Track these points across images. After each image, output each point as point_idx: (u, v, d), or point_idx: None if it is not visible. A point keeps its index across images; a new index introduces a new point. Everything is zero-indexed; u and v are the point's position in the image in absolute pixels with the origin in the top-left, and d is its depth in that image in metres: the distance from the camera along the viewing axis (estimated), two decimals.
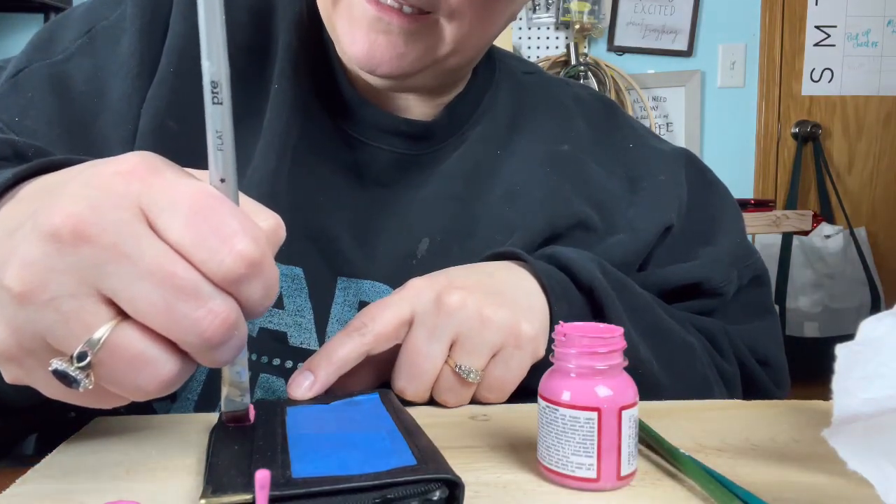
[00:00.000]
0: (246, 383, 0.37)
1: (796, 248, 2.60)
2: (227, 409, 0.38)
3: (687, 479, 0.37)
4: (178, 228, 0.29)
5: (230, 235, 0.30)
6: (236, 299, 0.30)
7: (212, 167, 0.32)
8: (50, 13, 2.51)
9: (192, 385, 0.56)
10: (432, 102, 0.64)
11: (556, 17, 2.78)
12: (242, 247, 0.29)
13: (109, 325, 0.29)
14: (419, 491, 0.32)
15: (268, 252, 0.31)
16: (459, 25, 0.54)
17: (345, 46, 0.56)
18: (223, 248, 0.29)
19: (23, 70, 0.59)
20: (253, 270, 0.30)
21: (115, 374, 0.30)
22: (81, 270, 0.29)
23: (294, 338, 0.57)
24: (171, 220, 0.29)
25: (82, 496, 0.35)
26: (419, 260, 0.61)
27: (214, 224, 0.30)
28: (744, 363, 0.65)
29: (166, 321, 0.29)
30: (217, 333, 0.30)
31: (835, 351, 0.30)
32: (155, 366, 0.30)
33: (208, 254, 0.29)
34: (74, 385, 0.30)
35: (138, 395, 0.31)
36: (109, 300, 0.29)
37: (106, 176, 0.30)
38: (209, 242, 0.29)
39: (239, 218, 0.30)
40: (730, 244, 0.68)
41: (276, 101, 0.60)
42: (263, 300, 0.31)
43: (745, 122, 2.85)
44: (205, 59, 0.31)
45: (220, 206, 0.30)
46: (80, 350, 0.29)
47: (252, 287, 0.30)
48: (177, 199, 0.30)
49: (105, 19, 0.61)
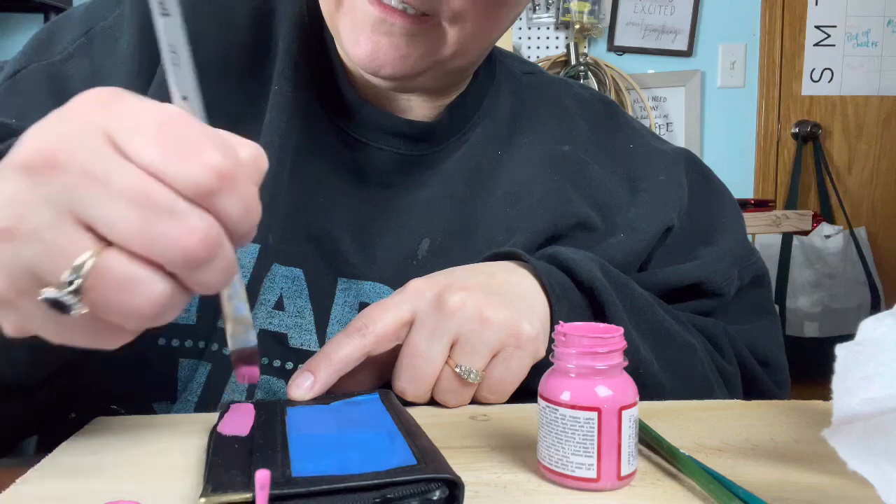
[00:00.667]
0: (248, 317, 0.38)
1: (796, 248, 2.60)
2: (234, 348, 0.38)
3: (687, 479, 0.37)
4: (145, 148, 0.29)
5: (197, 149, 0.30)
6: (214, 215, 0.30)
7: (171, 85, 0.32)
8: (50, 13, 2.50)
9: (192, 386, 0.56)
10: (433, 103, 0.64)
11: (556, 17, 2.78)
12: (210, 158, 0.30)
13: (94, 249, 0.29)
14: (419, 490, 0.32)
15: (240, 165, 0.31)
16: (462, 28, 0.54)
17: (347, 48, 0.56)
18: (190, 160, 0.29)
19: (21, 71, 0.59)
20: (224, 183, 0.30)
21: (107, 297, 0.30)
22: (57, 199, 0.29)
23: (294, 339, 0.57)
24: (139, 141, 0.30)
25: (82, 496, 0.35)
26: (420, 261, 0.61)
27: (179, 138, 0.30)
28: (744, 363, 0.65)
29: (145, 241, 0.29)
30: (198, 250, 0.29)
31: (835, 351, 0.30)
32: (145, 286, 0.30)
33: (177, 168, 0.29)
34: (67, 311, 0.30)
35: (134, 319, 0.31)
36: (90, 227, 0.30)
37: (70, 108, 0.31)
38: (177, 157, 0.29)
39: (205, 132, 0.30)
40: (730, 244, 0.68)
41: (277, 102, 0.60)
42: (244, 217, 0.31)
43: (745, 122, 2.85)
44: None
45: (185, 122, 0.30)
46: (67, 276, 0.29)
47: (228, 201, 0.30)
48: (141, 121, 0.30)
49: (104, 20, 0.61)
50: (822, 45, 2.85)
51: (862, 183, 2.87)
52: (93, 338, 0.32)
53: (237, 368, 0.39)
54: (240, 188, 0.31)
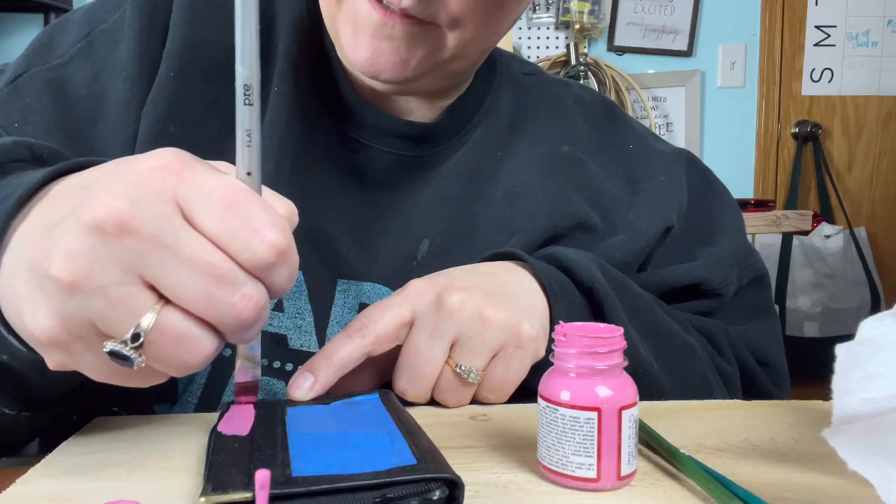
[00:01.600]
0: (258, 356, 0.41)
1: (796, 248, 2.60)
2: (239, 381, 0.41)
3: (687, 479, 0.37)
4: (213, 221, 0.32)
5: (261, 227, 0.33)
6: (264, 284, 0.34)
7: (239, 162, 0.35)
8: (50, 13, 2.50)
9: (191, 388, 0.56)
10: (433, 104, 0.64)
11: (556, 17, 2.78)
12: (273, 237, 0.33)
13: (156, 308, 0.32)
14: (419, 490, 0.32)
15: (292, 240, 0.34)
16: (461, 33, 0.54)
17: (348, 52, 0.56)
18: (255, 238, 0.32)
19: (22, 75, 0.59)
20: (281, 258, 0.33)
21: (164, 352, 0.33)
22: (125, 260, 0.32)
23: (294, 340, 0.57)
24: (206, 213, 0.32)
25: (82, 496, 0.35)
26: (419, 261, 0.61)
27: (246, 216, 0.33)
28: (744, 364, 0.65)
29: (206, 306, 0.32)
30: (251, 315, 0.33)
31: (835, 351, 0.30)
32: (198, 343, 0.33)
33: (242, 244, 0.32)
34: (128, 363, 0.32)
35: (182, 370, 0.34)
36: (151, 286, 0.32)
37: (142, 171, 0.33)
38: (242, 234, 0.32)
39: (266, 210, 0.33)
40: (730, 245, 0.68)
41: (276, 104, 0.59)
42: (287, 283, 0.35)
43: (745, 122, 2.85)
44: (239, 64, 0.35)
45: (249, 199, 0.33)
46: (133, 331, 0.32)
47: (280, 273, 0.34)
48: (209, 193, 0.33)
49: (104, 23, 0.61)
50: (822, 45, 2.85)
51: (862, 183, 2.87)
52: (135, 380, 0.35)
53: (237, 397, 0.42)
54: (290, 261, 0.34)
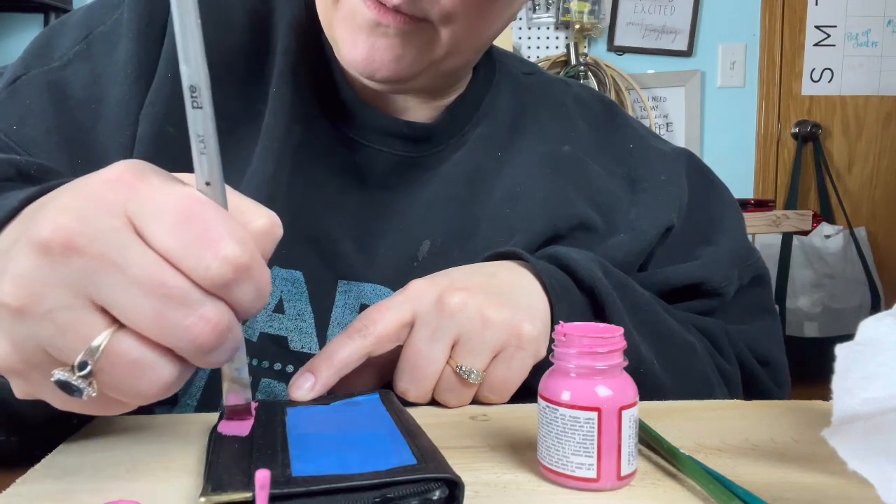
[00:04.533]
0: (246, 379, 0.38)
1: (796, 248, 2.60)
2: (228, 404, 0.39)
3: (687, 479, 0.37)
4: (165, 235, 0.30)
5: (215, 240, 0.30)
6: (228, 303, 0.31)
7: (197, 171, 0.32)
8: (50, 13, 2.50)
9: (191, 390, 0.56)
10: (432, 104, 0.64)
11: (556, 17, 2.78)
12: (228, 251, 0.30)
13: (106, 333, 0.30)
14: (419, 490, 0.32)
15: (256, 254, 0.31)
16: (455, 29, 0.54)
17: (344, 52, 0.56)
18: (208, 253, 0.30)
19: (20, 77, 0.59)
20: (241, 274, 0.30)
21: (116, 380, 0.31)
22: (74, 282, 0.30)
23: (295, 342, 0.57)
24: (158, 228, 0.30)
25: (82, 496, 0.35)
26: (420, 262, 0.61)
27: (200, 230, 0.30)
28: (744, 363, 0.65)
29: (158, 329, 0.30)
30: (209, 339, 0.30)
31: (835, 351, 0.30)
32: (154, 370, 0.31)
33: (195, 261, 0.30)
34: (77, 394, 0.30)
35: (140, 399, 0.32)
36: (103, 309, 0.30)
37: (93, 186, 0.31)
38: (195, 249, 0.30)
39: (224, 222, 0.30)
40: (730, 244, 0.68)
41: (275, 105, 0.59)
42: (255, 302, 0.32)
43: (745, 122, 2.85)
44: (182, 63, 0.31)
45: (206, 210, 0.30)
46: (80, 359, 0.30)
47: (242, 290, 0.31)
48: (163, 206, 0.30)
49: (102, 25, 0.61)
50: (822, 45, 2.85)
51: (862, 183, 2.87)
52: (97, 409, 0.33)
53: (228, 418, 0.39)
54: (254, 276, 0.31)
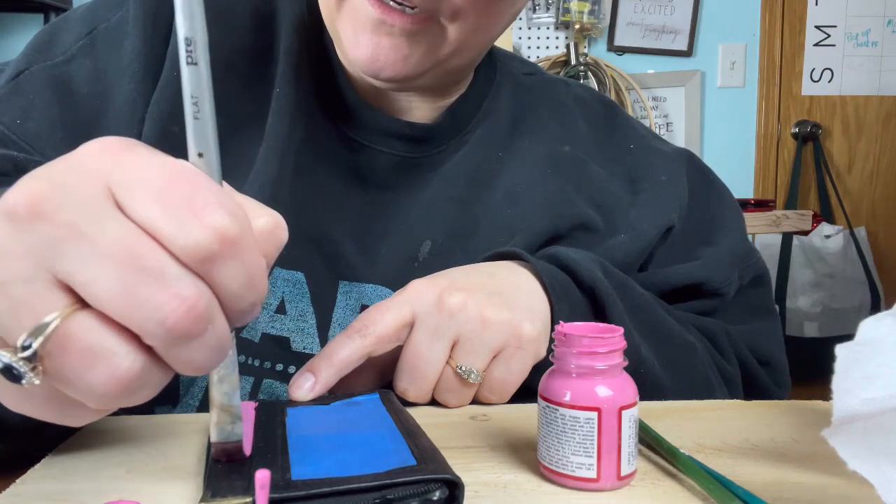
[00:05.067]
0: (237, 409, 0.33)
1: (796, 248, 2.60)
2: (216, 440, 0.33)
3: (687, 479, 0.37)
4: (146, 204, 0.26)
5: (202, 207, 0.26)
6: (210, 285, 0.27)
7: (189, 141, 0.29)
8: (50, 13, 2.50)
9: (193, 390, 0.56)
10: (434, 104, 0.64)
11: (556, 17, 2.78)
12: (216, 219, 0.26)
13: (61, 312, 0.26)
14: (419, 491, 0.32)
15: (248, 231, 0.27)
16: (462, 26, 0.54)
17: (348, 51, 0.55)
18: (192, 220, 0.26)
19: (23, 72, 0.59)
20: (227, 248, 0.26)
21: (65, 368, 0.26)
22: (37, 252, 0.26)
23: (296, 343, 0.57)
24: (139, 197, 0.26)
25: (82, 496, 0.35)
26: (421, 263, 0.61)
27: (185, 196, 0.26)
28: (745, 363, 0.65)
29: (123, 305, 0.25)
30: (182, 322, 0.25)
31: (835, 351, 0.30)
32: (110, 360, 0.26)
33: (176, 228, 0.26)
34: (17, 381, 0.26)
35: (95, 397, 0.26)
36: (67, 287, 0.26)
37: (75, 156, 0.28)
38: (177, 216, 0.26)
39: (214, 191, 0.27)
40: (730, 244, 0.68)
41: (278, 105, 0.59)
42: (245, 290, 0.27)
43: (745, 122, 2.85)
44: (178, 13, 0.28)
45: (195, 179, 0.27)
46: (24, 339, 0.26)
47: (227, 270, 0.26)
48: (147, 175, 0.27)
49: (106, 21, 0.61)
50: (822, 45, 2.85)
51: (862, 183, 2.87)
52: (52, 412, 0.29)
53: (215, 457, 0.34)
54: (244, 256, 0.27)
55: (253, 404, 0.43)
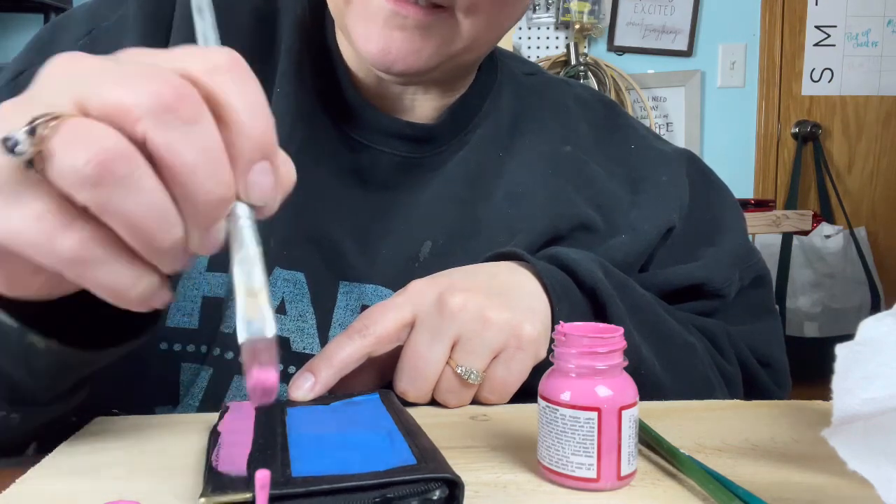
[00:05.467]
0: (263, 289, 0.29)
1: (796, 248, 2.60)
2: (245, 339, 0.28)
3: (687, 479, 0.37)
4: (184, 56, 0.32)
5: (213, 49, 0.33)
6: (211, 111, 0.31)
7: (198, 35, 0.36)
8: (50, 13, 2.51)
9: (193, 391, 0.56)
10: (436, 103, 0.64)
11: (556, 17, 2.78)
12: (222, 55, 0.32)
13: (69, 112, 0.29)
14: (419, 490, 0.32)
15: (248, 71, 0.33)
16: (476, 20, 0.54)
17: (359, 45, 0.55)
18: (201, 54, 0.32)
19: (24, 73, 0.59)
20: (236, 66, 0.33)
21: (56, 144, 0.28)
22: (68, 85, 0.30)
23: (297, 343, 0.57)
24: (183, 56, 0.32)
25: (82, 496, 0.35)
26: (422, 263, 0.60)
27: None
28: (745, 364, 0.65)
29: (122, 94, 0.29)
30: (171, 99, 0.29)
31: (835, 351, 0.30)
32: (98, 137, 0.28)
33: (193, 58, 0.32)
34: (12, 150, 0.28)
35: (74, 177, 0.28)
36: (82, 108, 0.29)
37: None
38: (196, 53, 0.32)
39: None
40: (731, 245, 0.68)
41: (279, 105, 0.59)
42: (244, 101, 0.33)
43: (745, 122, 2.85)
44: None
45: None
46: (31, 119, 0.28)
47: (232, 81, 0.32)
48: None
49: (106, 20, 0.61)
50: (822, 45, 2.85)
51: (862, 183, 2.87)
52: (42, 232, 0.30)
53: (250, 373, 0.29)
54: (243, 75, 0.33)
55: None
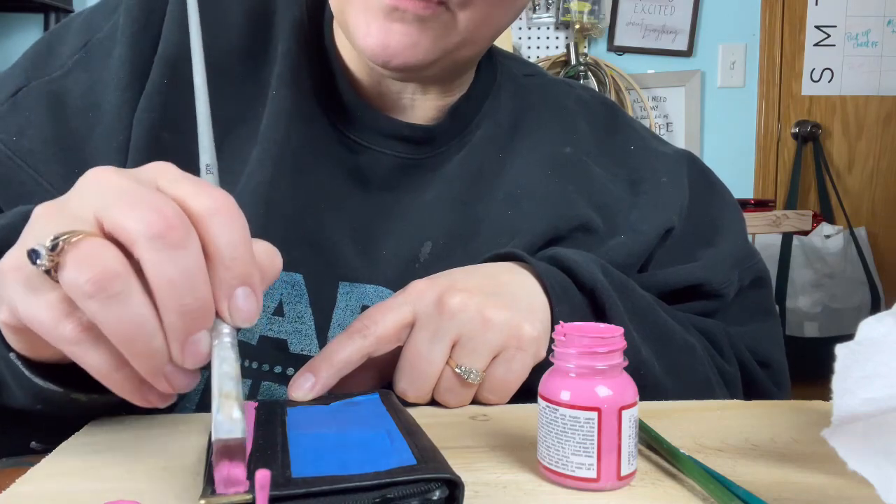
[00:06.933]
0: (240, 398, 0.31)
1: (796, 248, 2.60)
2: (217, 437, 0.30)
3: (687, 479, 0.37)
4: (181, 183, 0.36)
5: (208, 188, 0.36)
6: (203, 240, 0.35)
7: None
8: (50, 13, 2.50)
9: (190, 393, 0.56)
10: (435, 104, 0.64)
11: (556, 17, 2.78)
12: (216, 195, 0.36)
13: (88, 231, 0.34)
14: (419, 490, 0.32)
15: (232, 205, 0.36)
16: (471, 15, 0.54)
17: (359, 40, 0.55)
18: (206, 192, 0.36)
19: (22, 89, 0.60)
20: (228, 209, 0.35)
21: (68, 260, 0.33)
22: (88, 207, 0.35)
23: (294, 345, 0.57)
24: (177, 183, 0.36)
25: (82, 496, 0.35)
26: (422, 263, 0.60)
27: None
28: (744, 364, 0.65)
29: (124, 217, 0.34)
30: (159, 226, 0.33)
31: (835, 351, 0.30)
32: (100, 257, 0.33)
33: (195, 191, 0.36)
34: (34, 260, 0.34)
35: (78, 287, 0.33)
36: (101, 226, 0.34)
37: None
38: (202, 190, 0.36)
39: None
40: (731, 246, 0.68)
41: (274, 107, 0.59)
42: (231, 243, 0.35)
43: (745, 122, 2.85)
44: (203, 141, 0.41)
45: None
46: (55, 235, 0.33)
47: (221, 227, 0.35)
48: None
49: (100, 31, 0.61)
50: (822, 45, 2.85)
51: (862, 183, 2.87)
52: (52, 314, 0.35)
53: (219, 467, 0.30)
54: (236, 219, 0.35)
55: (253, 404, 0.43)
